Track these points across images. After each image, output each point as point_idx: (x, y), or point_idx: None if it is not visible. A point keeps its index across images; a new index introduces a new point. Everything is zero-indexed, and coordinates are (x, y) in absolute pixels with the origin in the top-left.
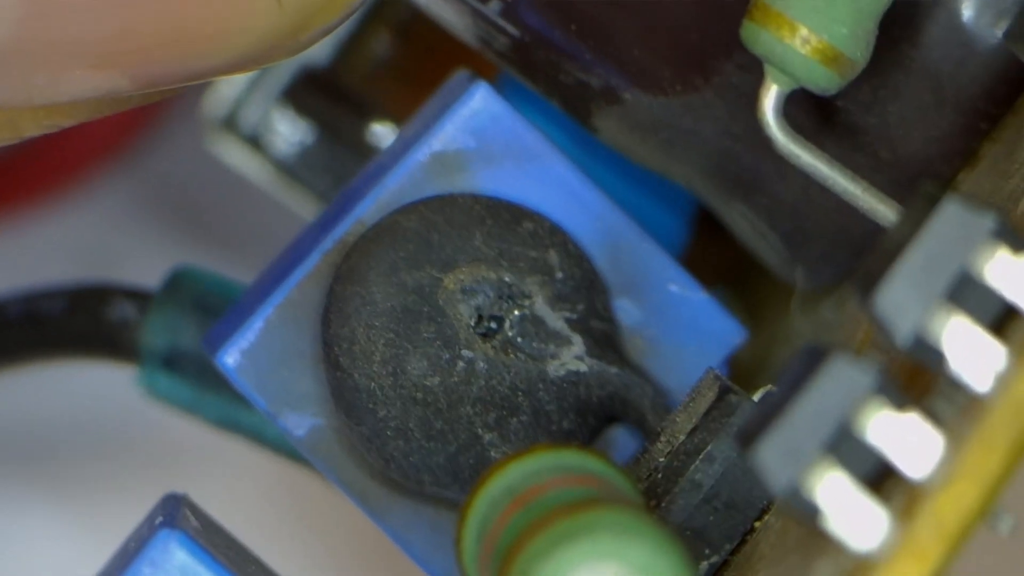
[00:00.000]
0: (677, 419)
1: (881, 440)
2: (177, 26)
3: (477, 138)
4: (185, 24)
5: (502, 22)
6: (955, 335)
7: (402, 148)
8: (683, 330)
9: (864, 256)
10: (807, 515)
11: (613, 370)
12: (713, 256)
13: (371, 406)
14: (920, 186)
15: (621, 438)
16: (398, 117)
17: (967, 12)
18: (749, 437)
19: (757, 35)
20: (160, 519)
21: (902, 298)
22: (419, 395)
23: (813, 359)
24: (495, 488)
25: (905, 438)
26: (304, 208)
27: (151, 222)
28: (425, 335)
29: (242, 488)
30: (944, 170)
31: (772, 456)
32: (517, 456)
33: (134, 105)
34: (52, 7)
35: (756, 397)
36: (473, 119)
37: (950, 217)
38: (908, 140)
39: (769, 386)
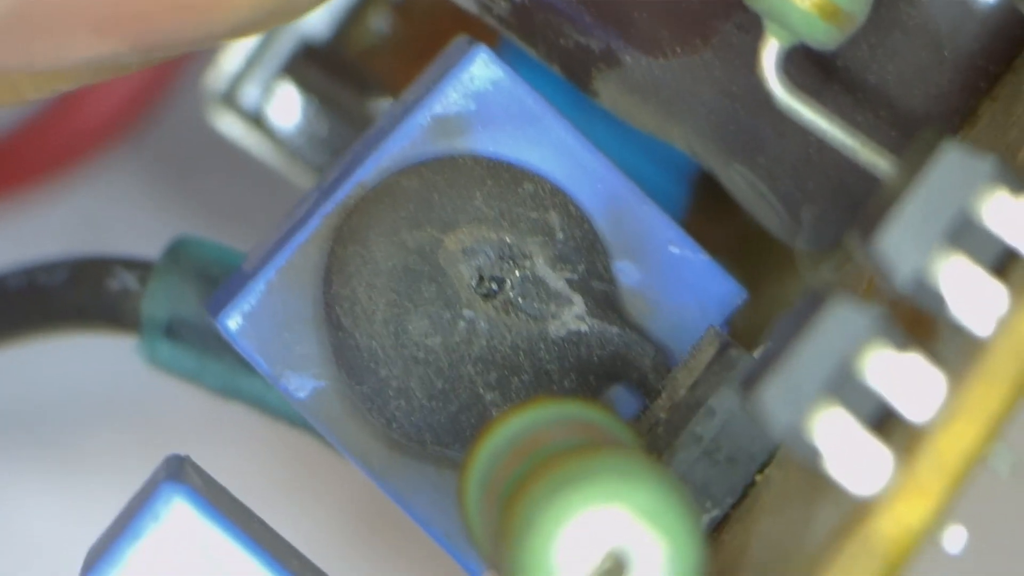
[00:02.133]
0: (678, 376)
1: (882, 381)
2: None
3: (477, 101)
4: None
5: None
6: (955, 277)
7: (402, 112)
8: (684, 291)
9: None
10: (808, 457)
11: (614, 330)
12: (713, 229)
13: (373, 366)
14: (922, 134)
15: (622, 398)
16: (398, 91)
17: None
18: (751, 382)
19: None
20: (163, 476)
21: (901, 241)
22: (420, 354)
23: (814, 303)
24: (498, 438)
25: (906, 378)
26: (305, 182)
27: (154, 198)
28: (426, 295)
29: (245, 456)
30: (944, 128)
31: (773, 399)
32: (520, 407)
33: (135, 70)
34: None
35: (756, 354)
36: (473, 82)
37: (949, 160)
38: (907, 99)
39: (769, 343)
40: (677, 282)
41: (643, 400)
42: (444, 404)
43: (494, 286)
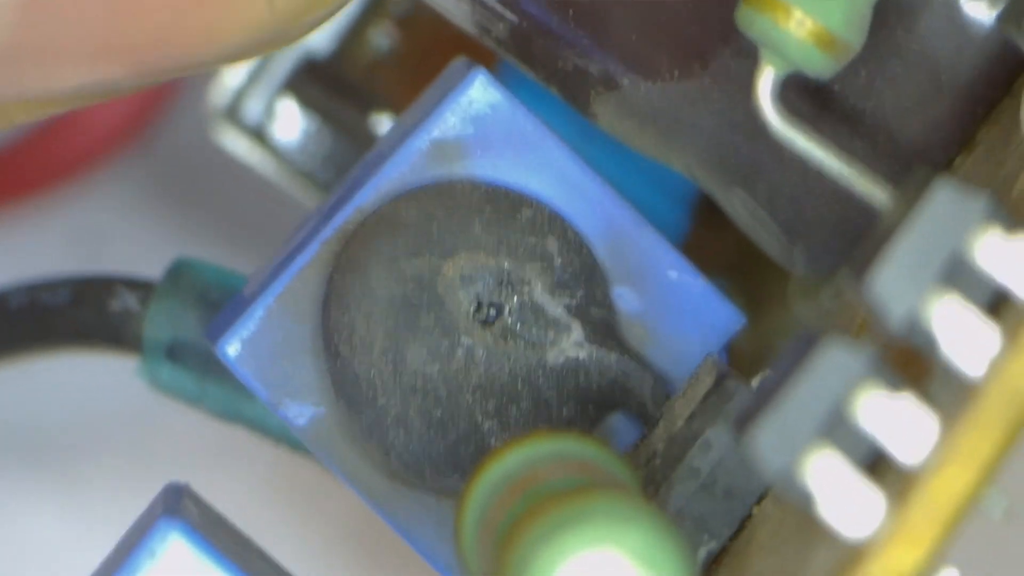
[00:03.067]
0: (675, 405)
1: (874, 424)
2: (169, 25)
3: (476, 125)
4: (176, 23)
5: (500, 8)
6: (948, 318)
7: (401, 136)
8: (682, 317)
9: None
10: (801, 500)
11: (612, 357)
12: (713, 248)
13: (371, 395)
14: (915, 171)
15: (621, 426)
16: (399, 107)
17: None
18: (744, 422)
19: (752, 19)
20: (161, 509)
21: (895, 282)
22: (419, 384)
23: (807, 344)
24: (494, 474)
25: (898, 421)
26: (307, 197)
27: (154, 211)
28: (424, 323)
29: (244, 479)
30: (941, 156)
31: (766, 441)
32: (516, 442)
33: (128, 94)
34: (47, 10)
35: (754, 383)
36: (471, 107)
37: (942, 199)
38: (905, 127)
39: (767, 371)
40: (676, 308)
41: (642, 428)
42: (442, 433)
43: (492, 312)
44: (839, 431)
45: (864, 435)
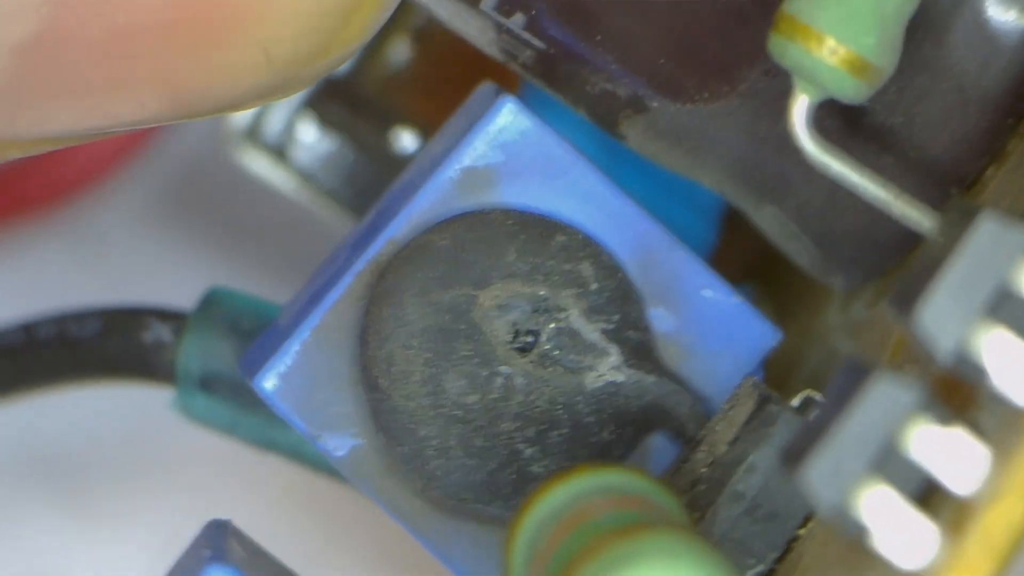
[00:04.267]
0: (717, 428)
1: (927, 457)
2: (165, 78)
3: (506, 152)
4: (171, 72)
5: (526, 35)
6: (996, 351)
7: (430, 165)
8: (718, 335)
9: (894, 255)
10: (855, 534)
11: (650, 379)
12: (742, 251)
13: (411, 426)
14: (952, 196)
15: (660, 445)
16: (419, 123)
17: (991, 5)
18: (795, 457)
19: (784, 47)
20: (207, 552)
21: (943, 315)
22: (458, 413)
23: (856, 376)
24: (541, 511)
25: (951, 454)
26: (328, 215)
27: (161, 224)
28: (462, 353)
29: (282, 506)
30: (972, 168)
31: (819, 476)
32: (560, 477)
33: (118, 135)
34: (41, 56)
35: (795, 402)
36: (501, 134)
37: (987, 231)
38: (936, 140)
39: (807, 391)
40: (711, 326)
41: (680, 447)
42: (483, 462)
43: (529, 339)
44: (891, 464)
45: (916, 468)
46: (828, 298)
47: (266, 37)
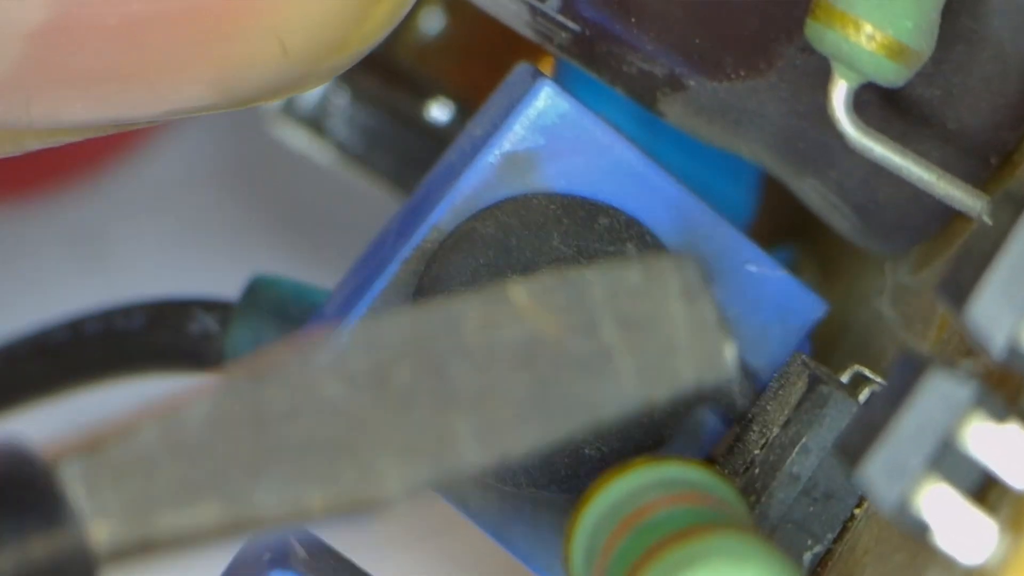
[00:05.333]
0: (768, 407)
1: (984, 453)
2: (180, 68)
3: (546, 135)
4: (187, 60)
5: (562, 18)
6: None
7: (471, 149)
8: (764, 309)
9: (937, 221)
10: (916, 531)
11: None
12: (785, 211)
13: None
14: (992, 165)
15: (710, 420)
16: (454, 92)
17: None
18: (852, 454)
19: (822, 34)
20: (267, 555)
21: (994, 311)
22: None
23: (910, 370)
24: (599, 508)
25: (1008, 449)
26: (365, 187)
27: (161, 211)
28: None
29: None
30: (1012, 137)
31: (878, 475)
32: (618, 471)
33: (133, 128)
34: (55, 41)
35: (844, 378)
36: (540, 118)
37: None
38: (974, 110)
39: (856, 367)
40: (757, 301)
41: (731, 423)
42: None
43: None
44: (948, 461)
45: (974, 464)
46: (873, 258)
47: (281, 27)
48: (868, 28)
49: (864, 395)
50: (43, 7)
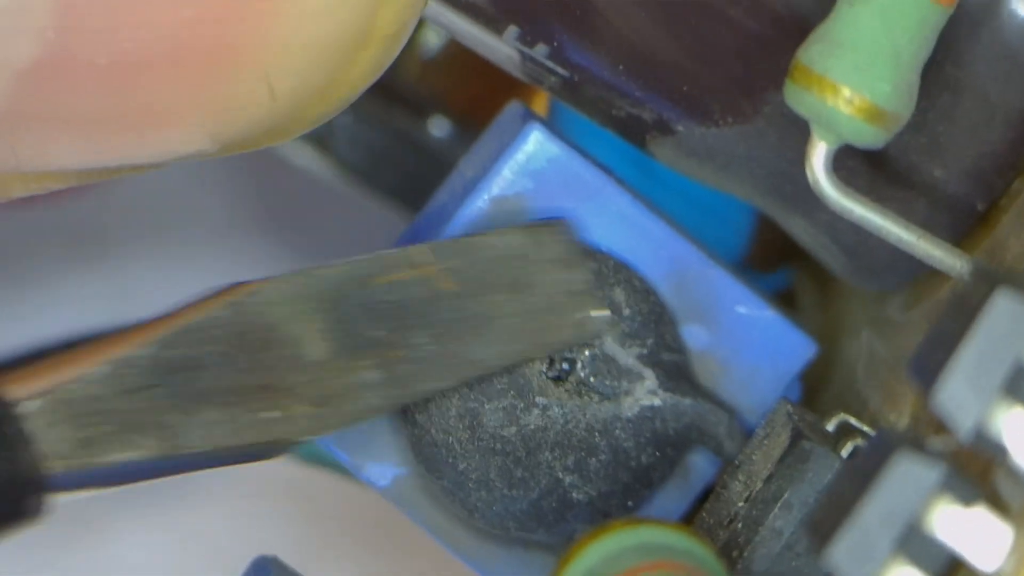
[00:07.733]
0: (754, 457)
1: (951, 536)
2: (168, 109)
3: (534, 179)
4: (177, 109)
5: (551, 64)
6: (1016, 429)
7: (462, 191)
8: (754, 350)
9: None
10: None
11: (687, 401)
12: (783, 235)
13: (451, 460)
14: (978, 212)
15: (699, 462)
16: (452, 107)
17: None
18: (821, 533)
19: (801, 97)
20: None
21: (962, 395)
22: (497, 446)
23: (881, 449)
24: (578, 571)
25: (974, 533)
26: (367, 203)
27: (160, 211)
28: (498, 386)
29: (327, 527)
30: (998, 183)
31: (845, 558)
32: (596, 535)
33: (120, 175)
34: (43, 83)
35: (830, 426)
36: (529, 162)
37: (1003, 309)
38: (961, 158)
39: (841, 415)
40: (747, 341)
41: (720, 464)
42: (524, 492)
43: (565, 366)
44: (915, 543)
45: (940, 546)
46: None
47: (270, 69)
48: (846, 92)
49: (847, 448)
50: (35, 45)
